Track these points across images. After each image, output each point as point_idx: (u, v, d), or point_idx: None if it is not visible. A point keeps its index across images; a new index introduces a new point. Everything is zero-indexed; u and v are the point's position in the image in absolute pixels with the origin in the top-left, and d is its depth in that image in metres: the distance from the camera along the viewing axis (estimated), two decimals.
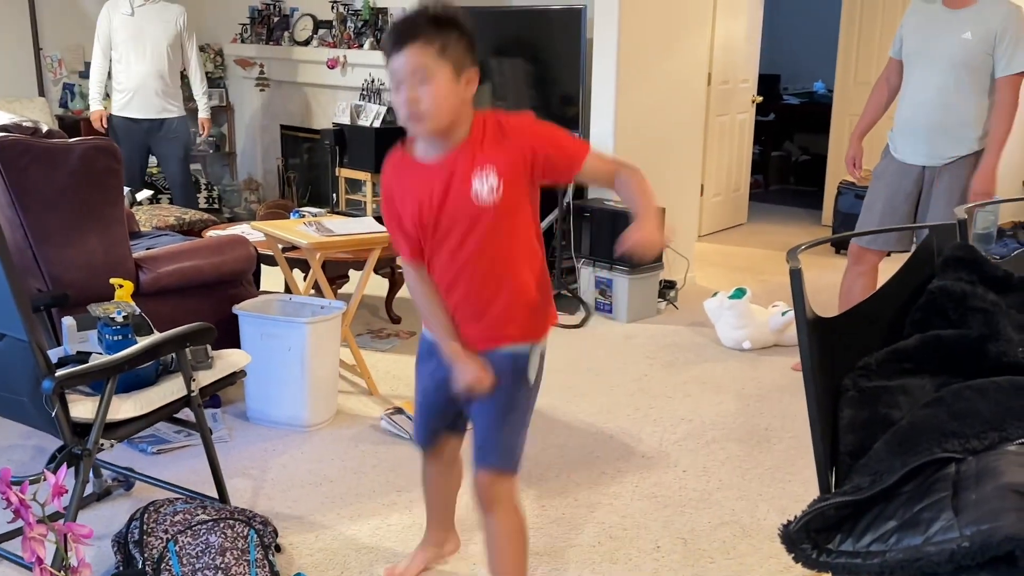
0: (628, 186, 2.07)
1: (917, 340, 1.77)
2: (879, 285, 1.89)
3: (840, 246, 6.66)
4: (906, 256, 2.00)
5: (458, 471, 2.56)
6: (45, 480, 1.72)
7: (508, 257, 2.08)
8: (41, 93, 7.19)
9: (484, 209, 2.01)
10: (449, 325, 2.14)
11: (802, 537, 1.49)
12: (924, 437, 1.55)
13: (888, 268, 2.23)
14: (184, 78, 6.21)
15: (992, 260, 1.92)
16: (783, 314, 4.61)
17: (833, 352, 1.72)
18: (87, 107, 7.34)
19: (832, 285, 4.37)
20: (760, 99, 7.54)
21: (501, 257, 2.08)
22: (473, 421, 2.24)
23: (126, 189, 5.87)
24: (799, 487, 3.21)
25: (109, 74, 6.01)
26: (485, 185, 1.99)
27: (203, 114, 6.31)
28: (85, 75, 7.41)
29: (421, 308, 2.21)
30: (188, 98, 6.33)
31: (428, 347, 2.27)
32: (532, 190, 2.08)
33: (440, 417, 2.37)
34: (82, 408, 2.51)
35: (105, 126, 6.01)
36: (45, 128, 3.39)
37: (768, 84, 8.56)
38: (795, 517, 1.53)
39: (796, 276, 1.57)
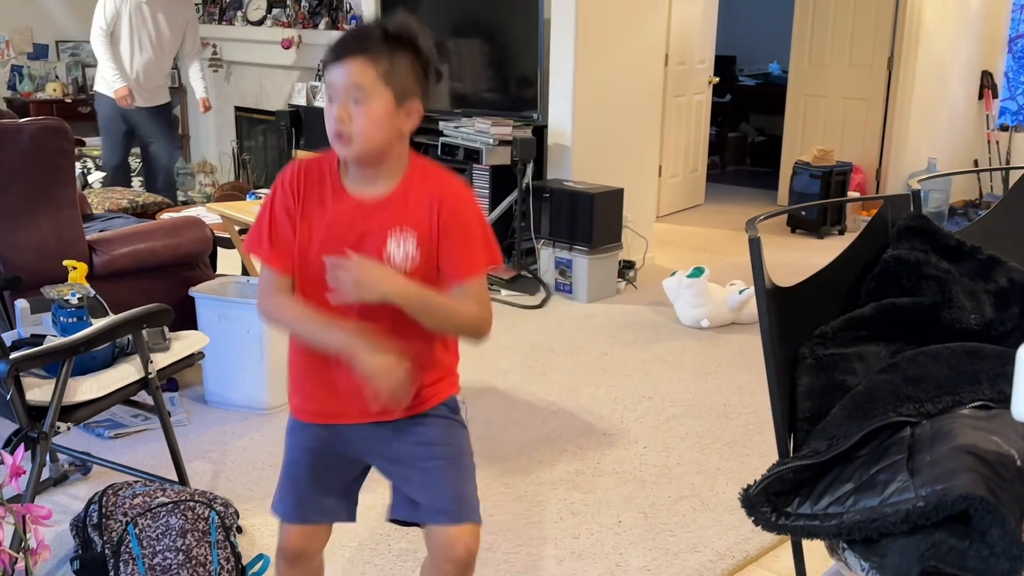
0: (457, 301, 1.76)
1: (872, 308, 1.80)
2: (832, 258, 1.92)
3: (796, 225, 6.74)
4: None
5: (321, 564, 2.10)
6: (2, 463, 1.70)
7: (415, 326, 1.75)
8: None
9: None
10: (329, 320, 1.76)
11: (761, 500, 1.52)
12: (880, 402, 1.59)
13: (843, 244, 2.27)
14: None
15: (945, 231, 1.96)
16: (740, 292, 4.67)
17: (791, 320, 1.75)
18: (36, 89, 7.23)
19: (788, 263, 4.43)
20: (716, 80, 7.59)
21: (406, 323, 1.74)
22: (422, 485, 1.87)
23: (99, 174, 5.80)
24: (757, 461, 3.26)
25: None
26: (400, 250, 1.74)
27: (204, 94, 6.17)
28: (33, 57, 7.29)
29: (284, 318, 1.81)
30: None
31: (294, 423, 1.94)
32: None
33: (325, 487, 1.97)
34: (38, 391, 2.48)
35: (132, 102, 5.76)
36: None
37: (724, 65, 8.62)
38: (755, 482, 1.56)
39: (755, 244, 1.59)
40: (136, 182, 6.54)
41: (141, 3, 5.66)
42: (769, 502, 1.52)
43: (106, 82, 5.73)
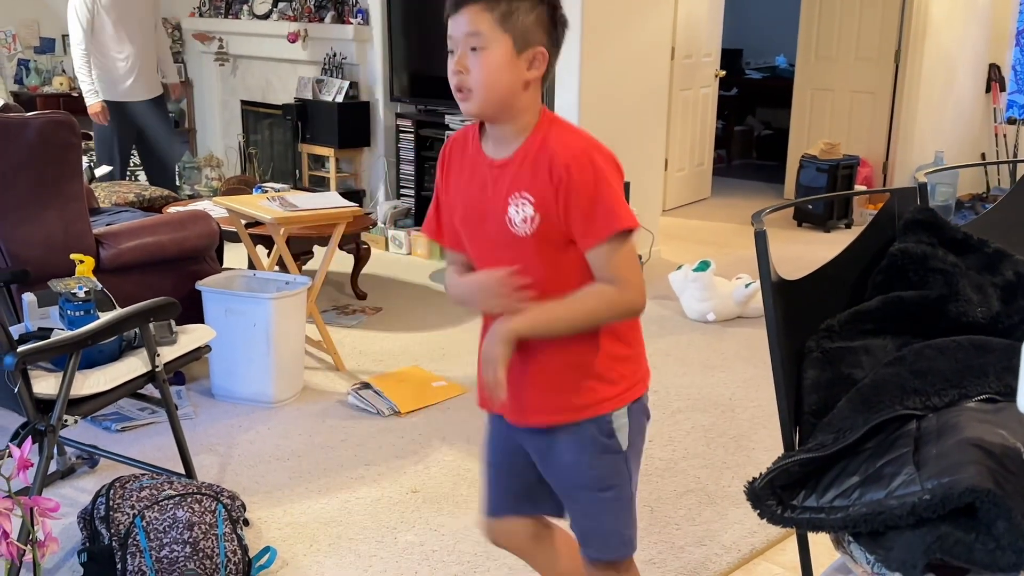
0: (579, 294, 1.67)
1: (879, 301, 1.80)
2: (839, 252, 1.91)
3: (802, 218, 6.73)
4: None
5: (553, 540, 1.99)
6: (10, 456, 1.71)
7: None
8: None
9: (518, 239, 1.67)
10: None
11: (767, 494, 1.52)
12: (886, 395, 1.59)
13: (849, 238, 2.27)
14: None
15: (952, 224, 1.95)
16: (747, 286, 4.66)
17: (797, 314, 1.75)
18: (43, 83, 7.24)
19: (794, 256, 4.42)
20: (723, 73, 7.57)
21: (540, 299, 1.67)
22: (567, 508, 1.86)
23: (107, 168, 5.76)
24: (762, 455, 3.26)
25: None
26: (519, 214, 1.66)
27: (174, 79, 6.16)
28: (40, 51, 7.30)
29: (448, 290, 1.83)
30: None
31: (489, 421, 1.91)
32: None
33: (510, 484, 1.92)
34: (45, 384, 2.49)
35: (107, 119, 5.66)
36: (1, 103, 3.34)
37: (731, 59, 8.59)
38: (760, 475, 1.56)
39: (761, 237, 1.59)
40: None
41: None
42: (775, 495, 1.52)
43: (85, 97, 5.63)
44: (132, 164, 6.55)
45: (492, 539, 1.98)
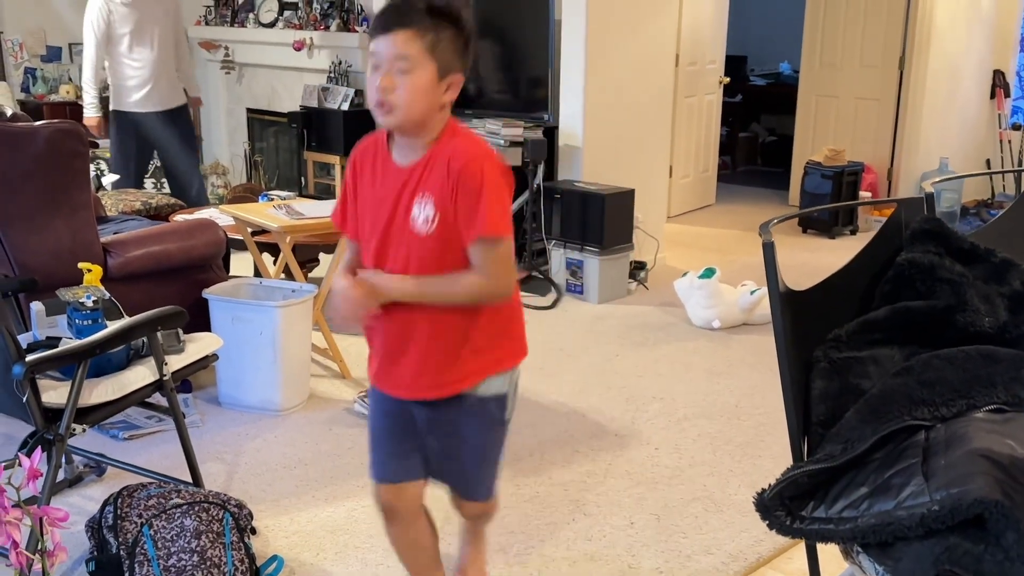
0: (456, 275, 1.87)
1: (886, 311, 1.80)
2: (844, 259, 1.91)
3: (807, 225, 6.73)
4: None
5: (425, 524, 2.20)
6: (19, 465, 1.71)
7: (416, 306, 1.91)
8: (2, 78, 7.09)
9: (419, 239, 1.85)
10: (354, 264, 2.00)
11: (776, 505, 1.52)
12: (894, 405, 1.59)
13: (855, 244, 2.27)
14: None
15: (959, 234, 1.95)
16: (752, 293, 4.66)
17: (805, 324, 1.75)
18: (50, 91, 7.26)
19: (800, 263, 4.42)
20: (727, 80, 7.57)
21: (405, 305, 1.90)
22: (445, 464, 2.09)
23: (114, 177, 5.72)
24: (769, 462, 3.25)
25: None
26: (422, 213, 1.84)
27: (197, 92, 6.07)
28: (47, 59, 7.32)
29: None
30: None
31: (371, 391, 2.13)
32: None
33: (393, 446, 2.10)
34: (53, 393, 2.49)
35: (103, 134, 5.64)
36: (9, 112, 3.35)
37: (735, 65, 8.60)
38: (769, 486, 1.56)
39: (769, 249, 1.59)
40: (148, 184, 6.51)
41: (125, 7, 5.46)
42: (784, 506, 1.52)
43: (87, 107, 5.59)
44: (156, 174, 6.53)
45: (384, 505, 2.14)
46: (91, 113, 5.60)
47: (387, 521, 2.16)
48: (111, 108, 5.67)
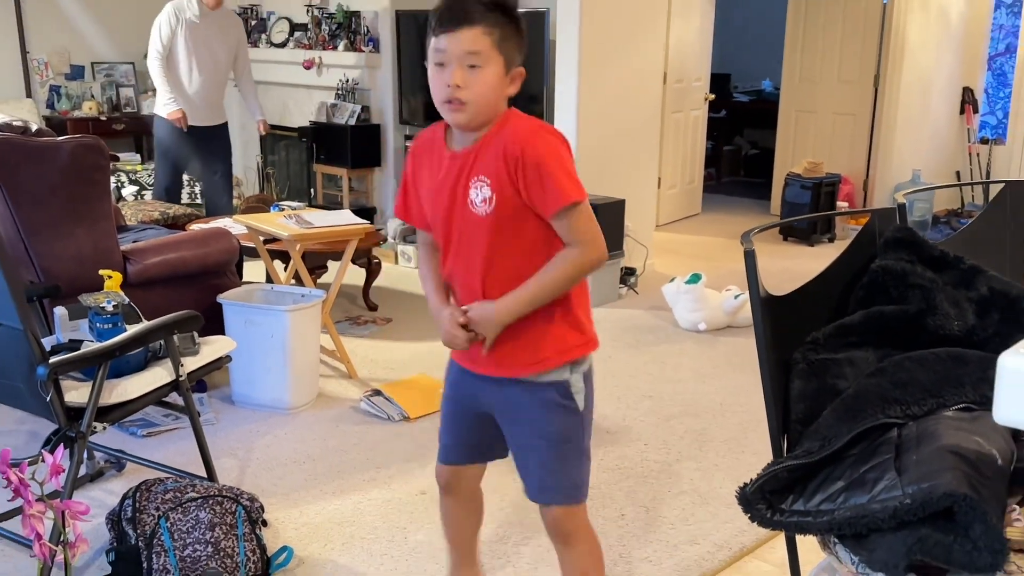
0: (548, 265, 1.79)
1: (861, 315, 1.80)
2: (823, 266, 1.91)
3: (788, 233, 6.73)
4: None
5: (478, 506, 2.22)
6: (43, 461, 1.71)
7: (508, 274, 1.81)
8: (28, 95, 7.08)
9: (479, 220, 1.78)
10: (439, 285, 1.94)
11: (757, 498, 1.52)
12: (869, 404, 1.58)
13: (833, 252, 2.27)
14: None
15: (929, 242, 1.95)
16: (736, 297, 4.66)
17: (784, 327, 1.74)
18: (73, 108, 7.26)
19: (781, 270, 4.42)
20: (712, 97, 7.58)
21: (500, 272, 1.81)
22: (519, 457, 1.98)
23: (132, 187, 5.68)
24: (752, 457, 3.25)
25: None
26: (479, 195, 1.76)
27: (262, 115, 5.98)
28: (71, 77, 7.32)
29: (420, 270, 2.00)
30: None
31: (449, 363, 2.05)
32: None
33: (458, 432, 2.07)
34: (75, 393, 2.49)
35: (187, 122, 5.52)
36: (35, 127, 3.35)
37: (720, 83, 8.60)
38: (750, 480, 1.56)
39: (750, 257, 1.59)
40: (185, 194, 6.45)
41: (194, 23, 5.41)
42: (764, 499, 1.52)
43: (163, 105, 5.50)
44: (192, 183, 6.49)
45: (441, 481, 2.13)
46: (173, 107, 5.48)
47: (442, 494, 2.16)
48: (154, 111, 5.60)
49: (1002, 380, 1.16)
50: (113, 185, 6.06)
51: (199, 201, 6.11)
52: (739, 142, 9.59)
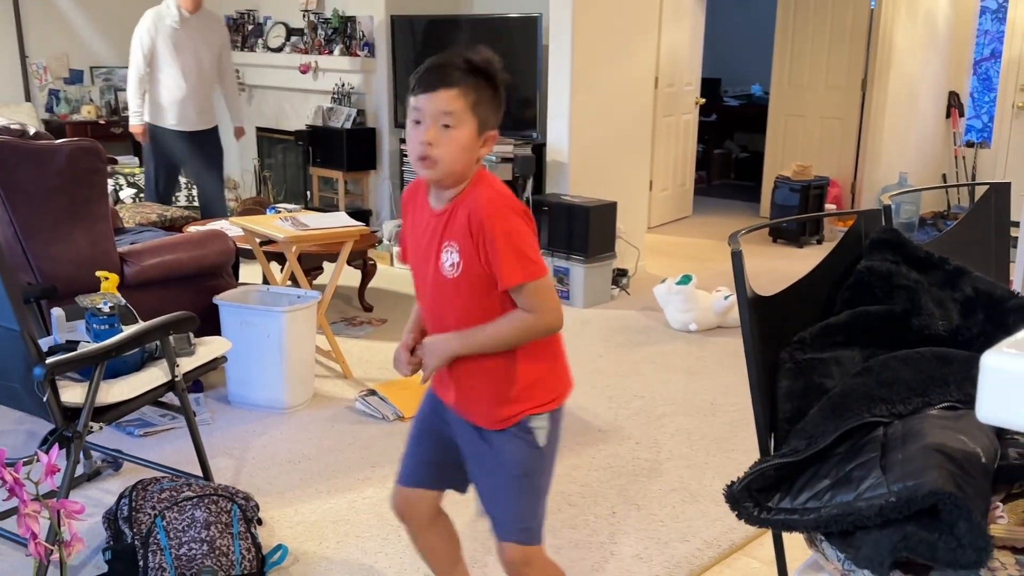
0: (503, 319, 1.79)
1: (847, 315, 1.79)
2: (810, 267, 1.91)
3: (777, 235, 6.74)
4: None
5: (446, 531, 2.15)
6: (38, 461, 1.70)
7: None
8: (27, 99, 7.06)
9: (448, 281, 1.80)
10: (416, 322, 1.98)
11: (744, 496, 1.51)
12: (855, 403, 1.58)
13: (821, 253, 2.27)
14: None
15: (914, 243, 1.95)
16: (726, 298, 4.66)
17: (771, 328, 1.74)
18: (72, 111, 7.24)
19: (769, 270, 4.42)
20: (703, 101, 7.59)
21: (467, 328, 1.82)
22: (479, 489, 1.97)
23: (130, 190, 5.67)
24: (741, 455, 3.25)
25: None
26: (449, 260, 1.79)
27: (241, 123, 5.97)
28: (70, 81, 7.30)
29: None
30: None
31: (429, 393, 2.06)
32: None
33: (419, 453, 2.05)
34: (72, 393, 2.48)
35: (147, 140, 5.54)
36: (33, 130, 3.33)
37: (710, 87, 8.62)
38: (738, 479, 1.55)
39: (737, 257, 1.58)
40: (183, 196, 6.43)
41: (175, 29, 5.37)
42: (751, 497, 1.51)
43: (132, 114, 5.49)
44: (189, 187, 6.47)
45: (397, 508, 2.07)
46: (135, 121, 5.49)
47: (407, 527, 2.09)
48: (147, 120, 5.56)
49: (985, 379, 1.16)
50: (111, 188, 6.05)
51: (197, 203, 6.10)
52: (729, 146, 9.61)
